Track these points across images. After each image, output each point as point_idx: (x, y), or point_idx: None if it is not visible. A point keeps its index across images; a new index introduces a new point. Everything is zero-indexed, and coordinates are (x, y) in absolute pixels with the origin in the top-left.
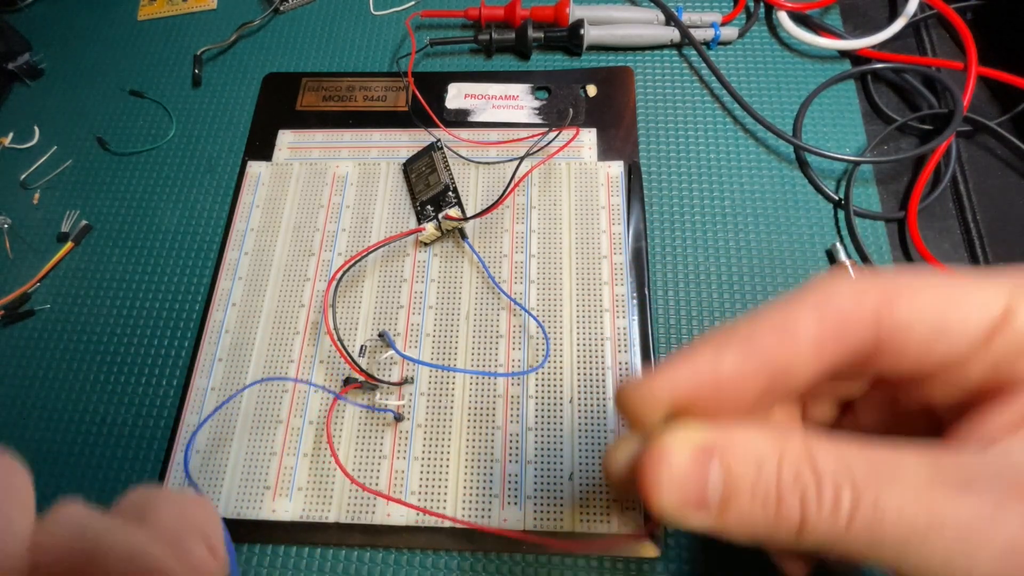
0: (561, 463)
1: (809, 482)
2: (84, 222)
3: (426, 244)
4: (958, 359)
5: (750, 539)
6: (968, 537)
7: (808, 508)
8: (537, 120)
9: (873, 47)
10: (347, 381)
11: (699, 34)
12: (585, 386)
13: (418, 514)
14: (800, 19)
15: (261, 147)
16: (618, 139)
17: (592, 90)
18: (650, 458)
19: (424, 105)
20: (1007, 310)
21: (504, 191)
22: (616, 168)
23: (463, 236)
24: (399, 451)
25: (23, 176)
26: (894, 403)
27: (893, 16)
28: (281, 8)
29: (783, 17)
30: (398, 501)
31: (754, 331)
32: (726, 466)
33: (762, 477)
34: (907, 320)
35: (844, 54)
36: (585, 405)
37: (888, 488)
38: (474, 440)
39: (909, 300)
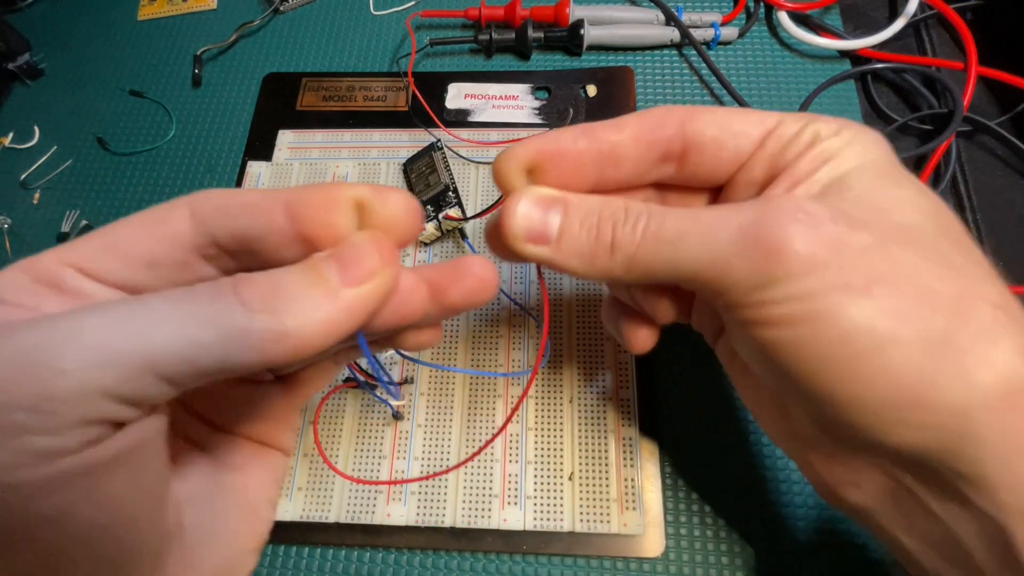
0: (561, 463)
1: (620, 215)
2: (84, 222)
3: (426, 244)
4: (743, 156)
5: (579, 264)
6: (714, 225)
7: (617, 230)
8: (537, 120)
9: (873, 47)
10: (347, 381)
11: (699, 34)
12: (585, 386)
13: (418, 514)
14: (800, 19)
15: (261, 147)
16: None
17: (592, 90)
18: (507, 203)
19: (424, 105)
20: (778, 122)
21: None
22: None
23: (463, 236)
24: (399, 451)
25: (23, 176)
26: None
27: (893, 16)
28: (281, 8)
29: (783, 17)
30: (392, 482)
31: (591, 124)
32: (563, 211)
33: (588, 214)
34: (702, 124)
35: (844, 54)
36: (585, 405)
37: (670, 213)
38: (474, 440)
39: (704, 114)
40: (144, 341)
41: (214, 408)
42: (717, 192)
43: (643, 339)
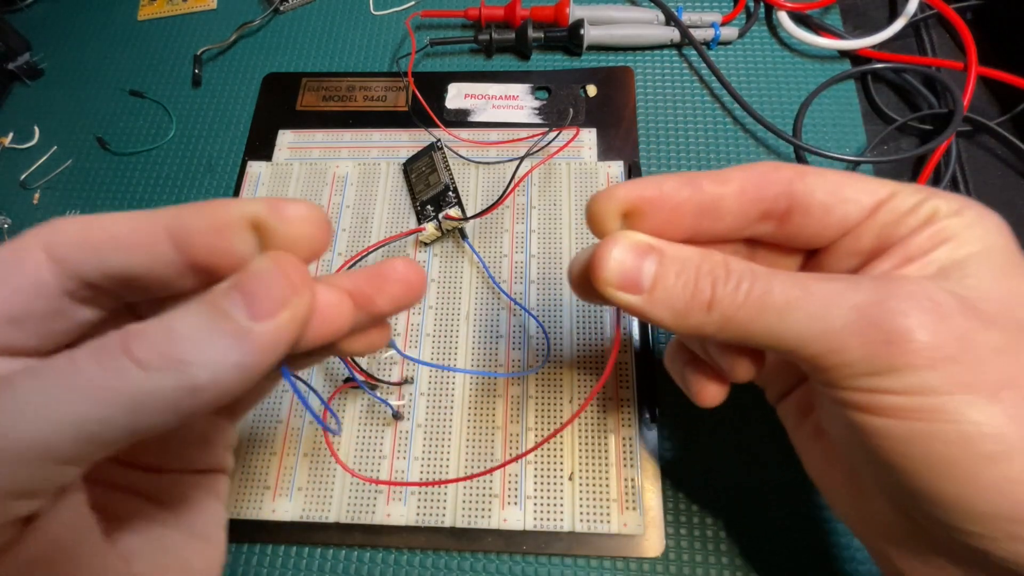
0: (561, 463)
1: (721, 273)
2: None
3: (426, 244)
4: (850, 224)
5: (670, 317)
6: (828, 300)
7: (717, 288)
8: (537, 120)
9: (873, 47)
10: (347, 381)
11: (699, 34)
12: (585, 386)
13: (418, 514)
14: (800, 19)
15: (261, 147)
16: (618, 139)
17: (592, 90)
18: (600, 247)
19: (424, 105)
20: (891, 193)
21: (504, 191)
22: (616, 168)
23: (463, 236)
24: (399, 451)
25: (23, 176)
26: None
27: (893, 16)
28: (281, 8)
29: (783, 17)
30: (394, 483)
31: (695, 174)
32: (659, 260)
33: (685, 266)
34: (812, 187)
35: (844, 54)
36: None
37: (777, 278)
38: (474, 440)
39: (813, 176)
40: (29, 432)
41: (143, 452)
42: (810, 255)
43: (712, 394)
